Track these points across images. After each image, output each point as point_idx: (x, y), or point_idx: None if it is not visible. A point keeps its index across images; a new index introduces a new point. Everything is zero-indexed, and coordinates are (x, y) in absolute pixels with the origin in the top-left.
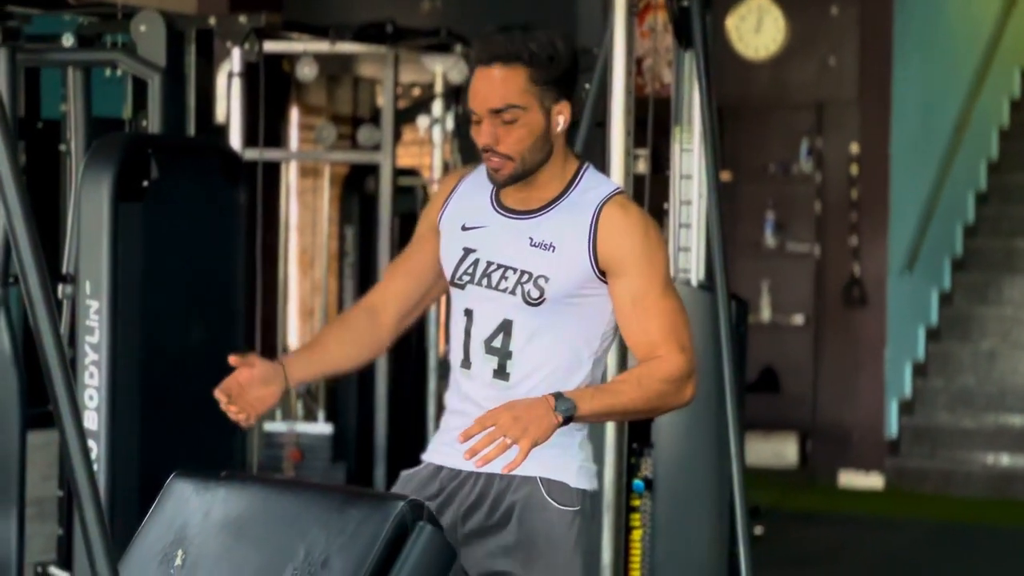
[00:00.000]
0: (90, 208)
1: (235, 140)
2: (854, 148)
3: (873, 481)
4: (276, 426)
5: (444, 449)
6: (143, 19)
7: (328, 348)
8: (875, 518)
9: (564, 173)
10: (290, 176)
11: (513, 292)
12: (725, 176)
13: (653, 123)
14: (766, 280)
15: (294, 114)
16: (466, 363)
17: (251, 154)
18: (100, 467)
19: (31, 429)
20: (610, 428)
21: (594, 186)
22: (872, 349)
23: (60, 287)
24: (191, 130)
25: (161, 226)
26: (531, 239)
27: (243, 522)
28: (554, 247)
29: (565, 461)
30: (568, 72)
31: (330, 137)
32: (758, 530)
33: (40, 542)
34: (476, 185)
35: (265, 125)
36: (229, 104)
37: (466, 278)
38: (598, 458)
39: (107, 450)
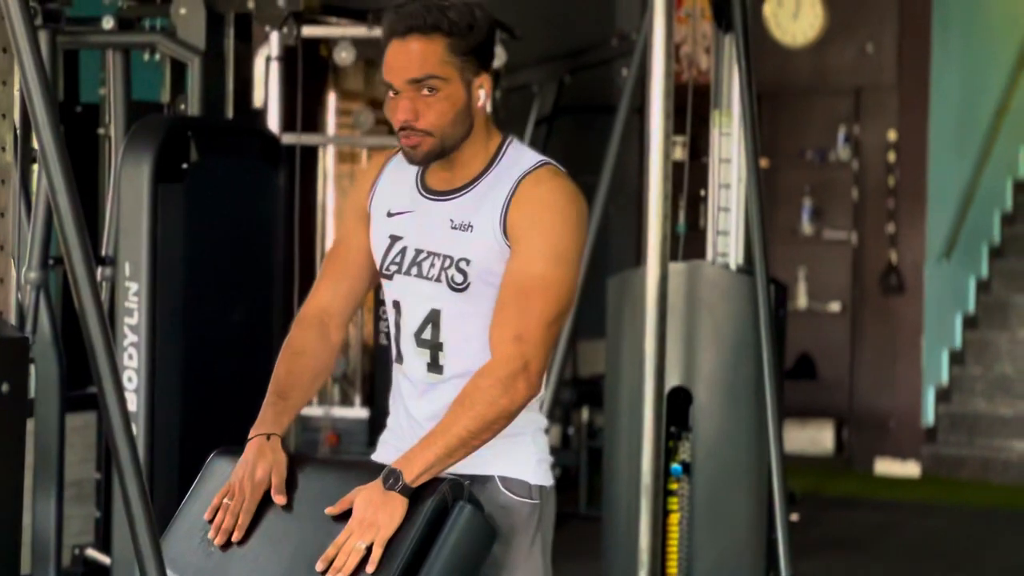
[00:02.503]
0: (130, 190)
1: (273, 124)
2: (892, 135)
3: (910, 469)
4: (313, 410)
5: (387, 449)
6: (183, 2)
7: (293, 391)
8: (912, 505)
9: (487, 149)
10: (327, 161)
11: (439, 279)
12: (762, 162)
13: (691, 110)
14: (803, 267)
15: (331, 99)
16: (399, 358)
17: (289, 139)
18: (140, 447)
19: (69, 412)
20: (647, 412)
21: (517, 160)
22: (909, 336)
23: (99, 269)
24: (229, 114)
25: (200, 208)
26: (451, 221)
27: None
28: (472, 227)
29: (521, 455)
30: (486, 43)
31: (367, 122)
32: (794, 516)
33: (78, 524)
34: (401, 167)
35: (303, 110)
36: (267, 88)
37: (393, 268)
38: (636, 443)
39: (146, 430)
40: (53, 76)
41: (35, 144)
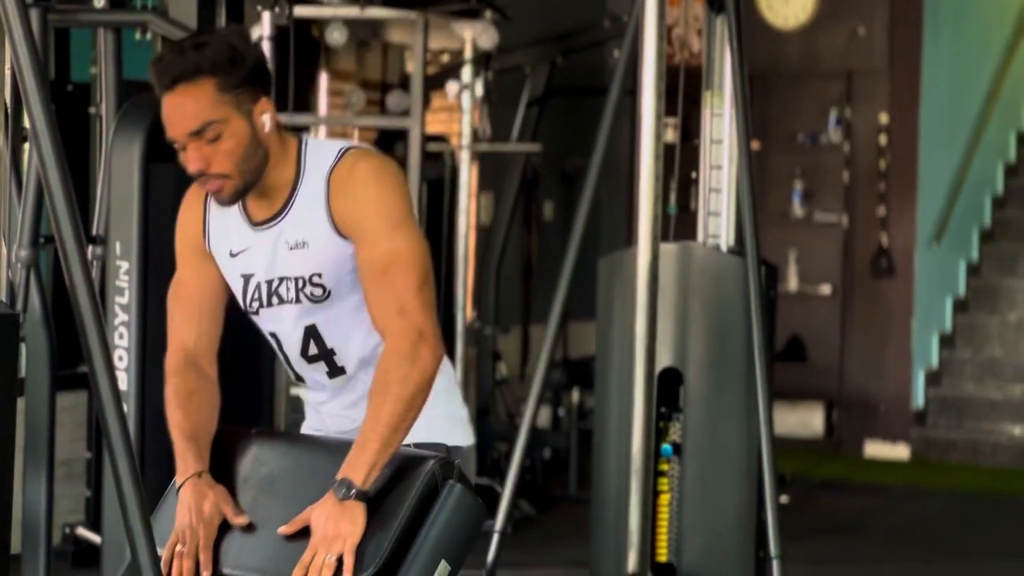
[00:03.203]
0: (121, 169)
1: None
2: (883, 118)
3: (899, 451)
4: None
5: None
6: None
7: (199, 431)
8: (901, 488)
9: (289, 163)
10: None
11: (299, 300)
12: (754, 145)
13: (683, 92)
14: (793, 250)
15: (323, 79)
16: (299, 379)
17: (280, 119)
18: (131, 426)
19: (59, 391)
20: (638, 393)
21: (319, 159)
22: (899, 320)
23: (90, 248)
24: None
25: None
26: (287, 243)
27: (273, 478)
28: (306, 243)
29: (433, 417)
30: (256, 68)
31: (359, 102)
32: (784, 499)
33: (68, 503)
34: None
35: (294, 90)
36: None
37: (256, 304)
38: (626, 423)
39: (137, 409)
40: (44, 55)
41: (26, 123)
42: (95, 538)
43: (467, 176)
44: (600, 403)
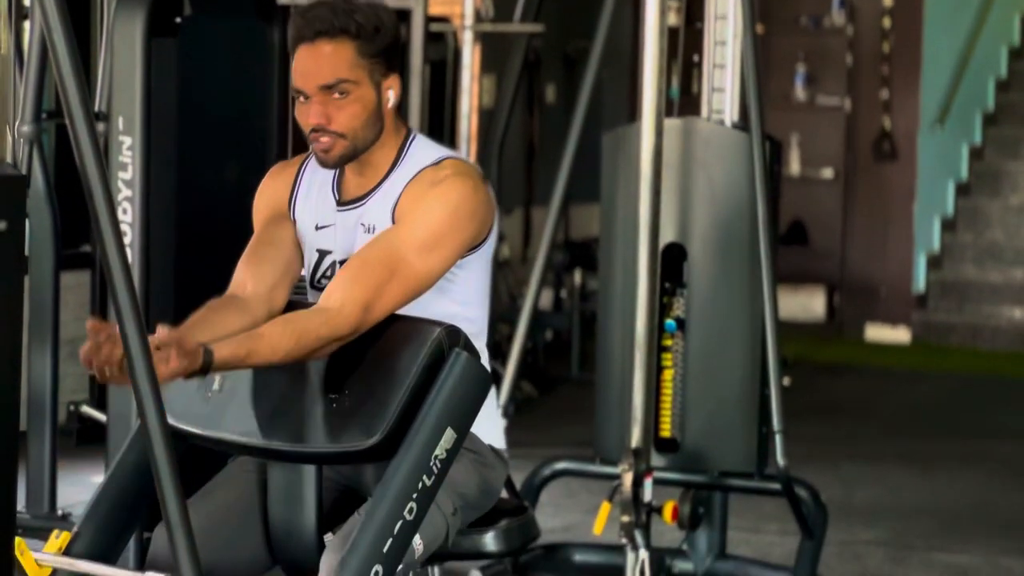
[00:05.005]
0: (123, 43)
1: None
2: (887, 0)
3: (900, 335)
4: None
5: None
6: None
7: (209, 325)
8: (902, 371)
9: (392, 148)
10: None
11: None
12: (756, 28)
13: None
14: (796, 133)
15: None
16: None
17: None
18: None
19: (62, 270)
20: (642, 267)
21: (418, 158)
22: (901, 203)
23: None
24: None
25: (194, 63)
26: (362, 225)
27: None
28: (376, 228)
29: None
30: (393, 44)
31: None
32: (785, 381)
33: (72, 382)
34: (317, 178)
35: None
36: None
37: (325, 281)
38: (630, 299)
39: (141, 285)
40: None
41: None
42: (100, 416)
43: (469, 57)
44: (604, 276)
